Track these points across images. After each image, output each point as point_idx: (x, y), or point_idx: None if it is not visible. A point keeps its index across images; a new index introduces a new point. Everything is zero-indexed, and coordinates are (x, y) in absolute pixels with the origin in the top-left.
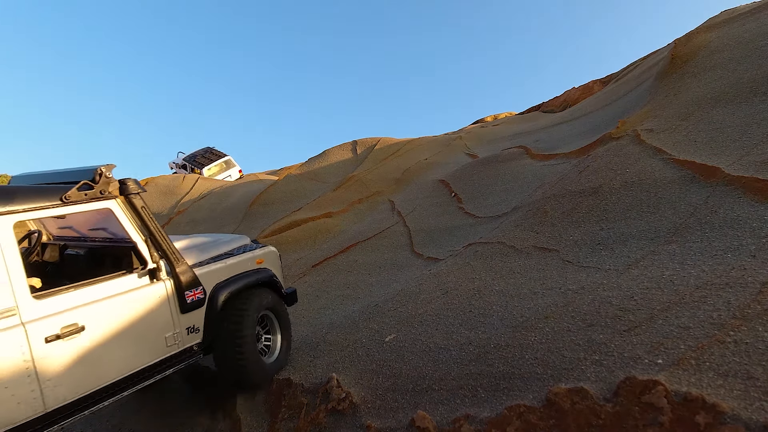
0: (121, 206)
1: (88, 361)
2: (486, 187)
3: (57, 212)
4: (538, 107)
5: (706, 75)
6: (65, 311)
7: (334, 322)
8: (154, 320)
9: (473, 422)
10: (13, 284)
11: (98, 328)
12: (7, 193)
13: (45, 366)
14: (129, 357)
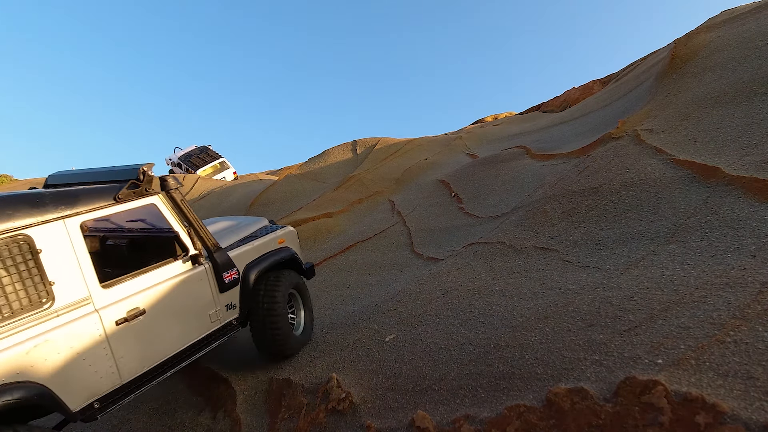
0: (163, 201)
1: (149, 339)
2: (486, 187)
3: (112, 211)
4: (538, 107)
5: (706, 75)
6: (128, 297)
7: (334, 322)
8: (198, 300)
9: (473, 422)
10: (85, 277)
11: (155, 309)
12: (72, 196)
13: (117, 345)
14: (181, 333)
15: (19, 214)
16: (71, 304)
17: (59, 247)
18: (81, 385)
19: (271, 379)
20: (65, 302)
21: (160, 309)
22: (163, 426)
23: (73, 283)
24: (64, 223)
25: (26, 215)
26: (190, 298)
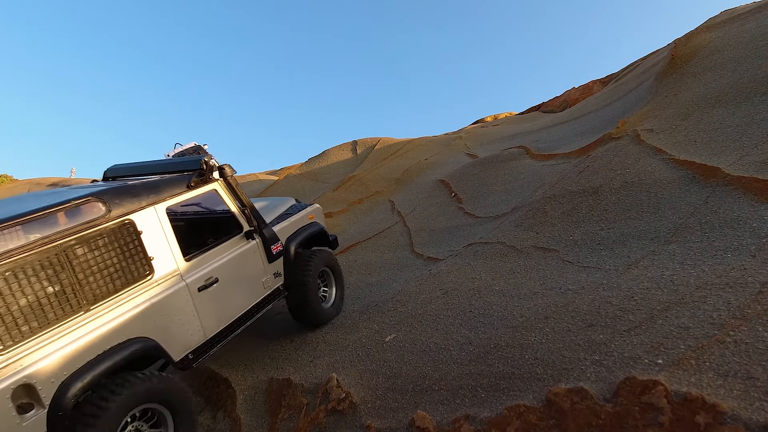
0: (222, 187)
1: (222, 302)
2: (486, 187)
3: (186, 197)
4: (538, 107)
5: (706, 75)
6: (204, 268)
7: (334, 322)
8: (254, 269)
9: (473, 422)
10: (173, 252)
11: (224, 278)
12: (157, 186)
13: (200, 307)
14: (244, 297)
15: (125, 203)
16: (166, 275)
17: (153, 229)
18: (178, 340)
19: (271, 379)
20: (162, 273)
21: (227, 277)
22: None
23: (165, 258)
24: (155, 208)
25: (129, 203)
26: (247, 268)
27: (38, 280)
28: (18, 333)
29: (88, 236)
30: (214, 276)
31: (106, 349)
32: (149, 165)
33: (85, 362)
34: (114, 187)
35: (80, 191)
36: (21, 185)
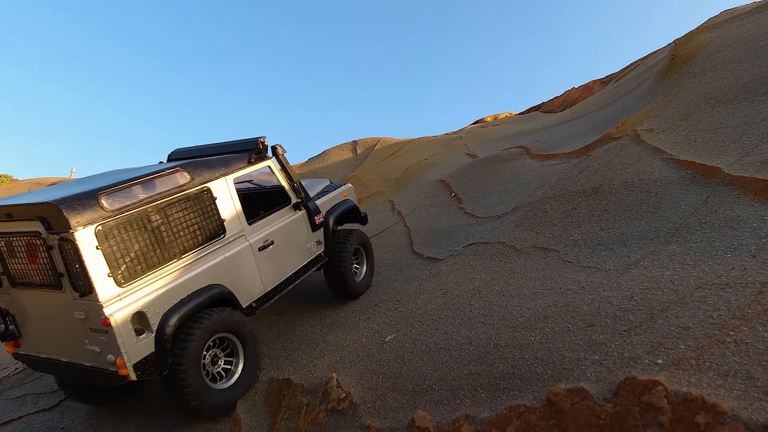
0: (274, 164)
1: (277, 261)
2: (486, 187)
3: (246, 171)
4: (538, 107)
5: (706, 75)
6: (262, 231)
7: (334, 322)
8: (300, 236)
9: (473, 422)
10: (239, 217)
11: (278, 241)
12: (226, 161)
13: (260, 265)
14: (293, 259)
15: (204, 174)
16: (234, 235)
17: (225, 196)
18: (244, 290)
19: (271, 379)
20: (231, 234)
21: (280, 241)
22: (163, 426)
23: (234, 221)
24: (225, 179)
25: (207, 174)
26: (296, 234)
27: (145, 230)
28: (134, 272)
29: (179, 198)
30: (271, 239)
31: (193, 291)
32: (209, 147)
33: (180, 299)
34: (195, 161)
35: (167, 164)
36: (21, 185)
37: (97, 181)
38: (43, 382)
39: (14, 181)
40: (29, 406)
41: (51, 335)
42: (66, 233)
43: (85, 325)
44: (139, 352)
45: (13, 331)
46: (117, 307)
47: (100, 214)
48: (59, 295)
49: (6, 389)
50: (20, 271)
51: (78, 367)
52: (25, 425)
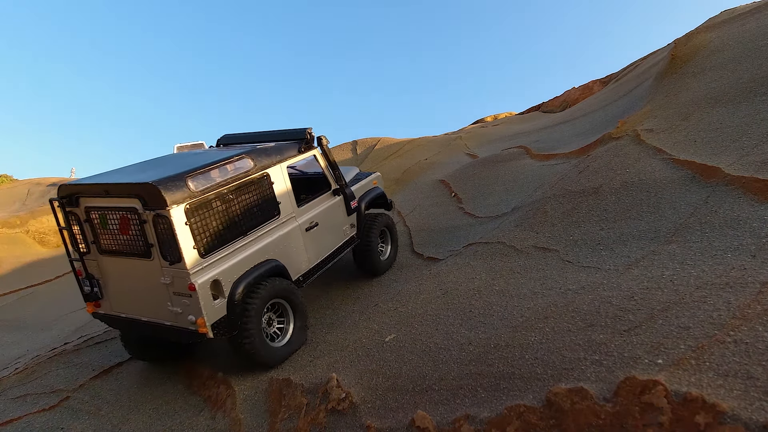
0: (319, 153)
1: (320, 241)
2: (486, 187)
3: (297, 159)
4: (538, 107)
5: (706, 75)
6: (309, 214)
7: (334, 322)
8: (338, 218)
9: (473, 422)
10: (291, 200)
11: (321, 222)
12: (281, 150)
13: (307, 243)
14: (332, 240)
15: (264, 161)
16: (287, 216)
17: (279, 181)
18: (294, 265)
19: (271, 379)
20: (284, 215)
21: (323, 222)
22: (163, 426)
23: (287, 204)
24: (280, 166)
25: (266, 161)
26: (335, 218)
27: (220, 209)
28: (212, 245)
29: (245, 182)
30: (315, 221)
31: (255, 264)
32: (257, 134)
33: (245, 270)
34: (257, 149)
35: (234, 151)
36: (21, 185)
37: (167, 164)
38: (43, 382)
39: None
40: (29, 406)
41: (133, 297)
42: (162, 210)
43: (170, 290)
44: (215, 314)
45: (96, 292)
46: (200, 275)
47: (188, 194)
48: (147, 263)
49: (6, 389)
50: (109, 241)
51: (157, 325)
52: (25, 425)
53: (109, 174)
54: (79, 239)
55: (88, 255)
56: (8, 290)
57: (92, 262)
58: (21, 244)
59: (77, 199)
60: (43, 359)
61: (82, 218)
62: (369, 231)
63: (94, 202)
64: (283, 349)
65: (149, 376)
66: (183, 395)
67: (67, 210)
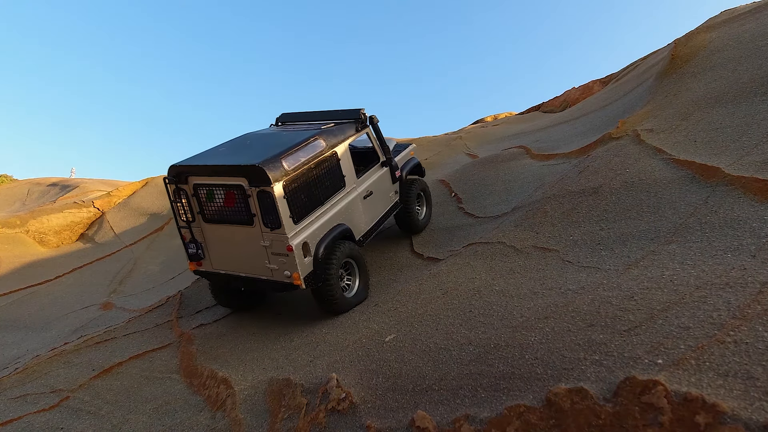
0: (371, 131)
1: (374, 206)
2: (486, 187)
3: (355, 137)
4: (538, 107)
5: (706, 75)
6: (365, 183)
7: (334, 322)
8: (386, 187)
9: (473, 422)
10: (352, 174)
11: (374, 191)
12: (343, 130)
13: (364, 209)
14: (383, 205)
15: (332, 140)
16: (350, 187)
17: (344, 157)
18: (357, 228)
19: (271, 379)
20: (349, 186)
21: (375, 191)
22: (163, 426)
23: (350, 176)
24: (344, 144)
25: (334, 140)
26: (384, 186)
27: (305, 184)
28: (302, 214)
29: (320, 160)
30: (370, 189)
31: (331, 227)
32: (313, 113)
33: (324, 233)
34: (326, 129)
35: (307, 133)
36: (21, 185)
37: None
38: (43, 382)
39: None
40: (29, 406)
41: (233, 257)
42: (266, 187)
43: (269, 251)
44: (305, 270)
45: (200, 253)
46: (295, 238)
47: (284, 172)
48: (248, 229)
49: (6, 389)
50: (213, 212)
51: (254, 279)
52: (25, 425)
53: (206, 156)
54: (186, 210)
55: (194, 223)
56: (8, 290)
57: (197, 229)
58: (21, 244)
59: (186, 178)
60: (43, 359)
61: (190, 193)
62: (409, 196)
63: (201, 180)
64: (351, 300)
65: (149, 376)
66: (183, 395)
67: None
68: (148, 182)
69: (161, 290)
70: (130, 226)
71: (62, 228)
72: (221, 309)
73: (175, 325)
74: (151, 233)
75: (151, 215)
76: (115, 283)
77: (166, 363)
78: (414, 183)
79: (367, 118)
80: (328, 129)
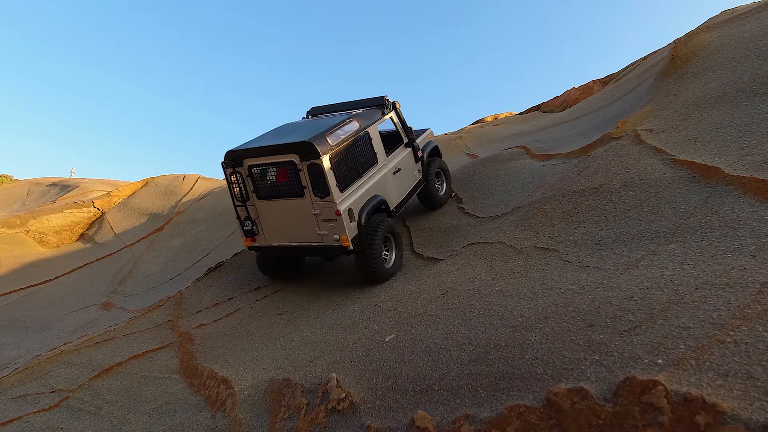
0: (394, 115)
1: (402, 182)
2: (486, 187)
3: (382, 120)
4: (538, 107)
5: (706, 75)
6: (394, 161)
7: (334, 322)
8: (411, 166)
9: (473, 422)
10: (382, 152)
11: (402, 168)
12: (372, 114)
13: (395, 183)
14: (409, 181)
15: (364, 123)
16: (381, 164)
17: (375, 137)
18: (390, 199)
19: (271, 379)
20: (380, 163)
21: (402, 168)
22: (163, 426)
23: (381, 154)
24: (375, 126)
25: (366, 122)
26: (409, 164)
27: (346, 158)
28: (346, 184)
29: (356, 138)
30: (398, 166)
31: (369, 197)
32: (341, 104)
33: (365, 202)
34: (359, 113)
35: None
36: (21, 185)
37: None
38: (43, 382)
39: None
40: (29, 406)
41: (285, 229)
42: (316, 160)
43: (319, 218)
44: (352, 233)
45: (254, 229)
46: (342, 204)
47: (329, 147)
48: (299, 201)
49: (6, 389)
50: (266, 189)
51: (306, 247)
52: (25, 425)
53: (255, 142)
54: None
55: (248, 202)
56: (8, 290)
57: (251, 207)
58: (21, 244)
59: (241, 161)
60: (43, 359)
61: (245, 174)
62: (430, 173)
63: (256, 161)
64: (389, 269)
65: (149, 376)
66: (183, 395)
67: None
68: (148, 182)
69: (161, 290)
70: (130, 226)
71: (62, 228)
72: (221, 309)
73: (175, 325)
74: (151, 233)
75: (151, 215)
76: (115, 283)
77: (166, 363)
78: (433, 162)
79: (390, 104)
80: (359, 114)
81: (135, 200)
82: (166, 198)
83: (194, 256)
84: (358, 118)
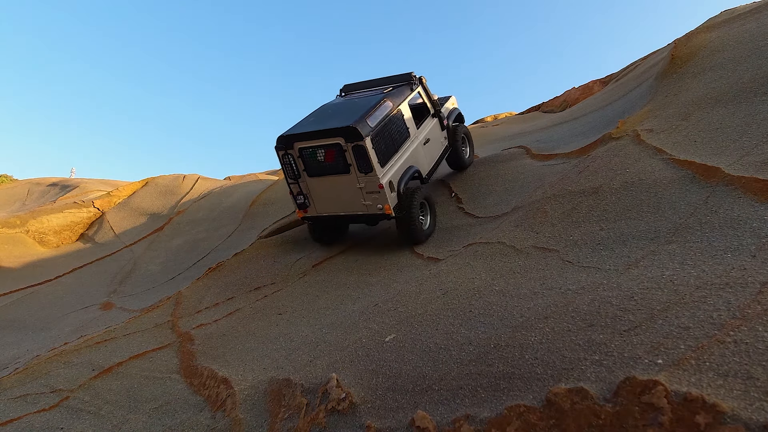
0: (422, 90)
1: (431, 150)
2: (486, 187)
3: (411, 96)
4: (538, 107)
5: (706, 75)
6: (423, 132)
7: (334, 322)
8: (438, 134)
9: (473, 422)
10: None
11: (431, 138)
12: (401, 92)
13: (425, 153)
14: (437, 149)
15: (397, 101)
16: (413, 137)
17: (406, 113)
18: (422, 168)
19: (271, 379)
20: (413, 136)
21: (431, 138)
22: (163, 426)
23: (412, 127)
24: (406, 102)
25: (397, 100)
26: (436, 134)
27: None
28: (385, 160)
29: (391, 117)
30: (428, 137)
31: (405, 169)
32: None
33: (402, 173)
34: (388, 93)
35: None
36: (21, 185)
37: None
38: (43, 382)
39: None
40: (29, 406)
41: (334, 201)
42: (360, 142)
43: (363, 191)
44: (393, 202)
45: (306, 203)
46: (383, 178)
47: (370, 129)
48: (346, 177)
49: (6, 389)
50: (315, 167)
51: (352, 215)
52: (25, 425)
53: (301, 126)
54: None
55: (300, 179)
56: (8, 290)
57: (303, 183)
58: (21, 244)
59: (292, 144)
60: (43, 359)
61: (296, 155)
62: (455, 139)
63: (305, 144)
64: (426, 231)
65: (149, 376)
66: (183, 395)
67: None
68: (148, 182)
69: (161, 290)
70: (130, 226)
71: (62, 228)
72: (221, 309)
73: (175, 325)
74: (151, 233)
75: (151, 215)
76: (115, 283)
77: (166, 363)
78: (458, 128)
79: (417, 79)
80: (390, 92)
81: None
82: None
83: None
84: (390, 98)
